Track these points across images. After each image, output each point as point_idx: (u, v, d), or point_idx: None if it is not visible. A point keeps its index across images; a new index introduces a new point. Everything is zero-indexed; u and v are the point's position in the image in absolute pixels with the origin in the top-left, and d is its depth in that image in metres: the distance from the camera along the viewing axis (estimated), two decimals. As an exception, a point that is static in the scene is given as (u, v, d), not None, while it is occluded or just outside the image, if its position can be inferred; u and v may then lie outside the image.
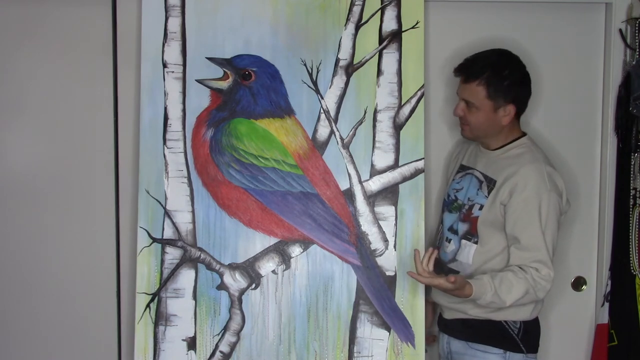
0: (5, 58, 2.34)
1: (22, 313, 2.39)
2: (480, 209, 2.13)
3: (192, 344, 2.24)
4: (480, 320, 2.13)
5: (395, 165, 2.26)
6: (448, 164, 2.39)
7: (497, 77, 2.06)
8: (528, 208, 2.04)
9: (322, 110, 2.26)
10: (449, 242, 2.21)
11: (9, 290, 2.39)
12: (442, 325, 2.27)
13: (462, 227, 2.17)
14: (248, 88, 2.25)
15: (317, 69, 2.26)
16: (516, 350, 2.11)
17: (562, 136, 2.44)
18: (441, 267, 2.21)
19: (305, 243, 2.26)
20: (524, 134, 2.19)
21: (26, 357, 2.40)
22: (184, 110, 2.25)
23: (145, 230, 2.24)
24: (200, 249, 2.24)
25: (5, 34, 2.33)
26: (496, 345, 2.12)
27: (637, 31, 2.36)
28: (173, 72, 2.25)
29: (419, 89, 2.27)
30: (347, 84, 2.27)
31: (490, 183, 2.13)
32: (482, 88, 2.06)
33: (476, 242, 2.14)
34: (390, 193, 2.26)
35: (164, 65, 2.25)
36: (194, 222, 2.24)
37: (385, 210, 2.26)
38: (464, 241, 2.17)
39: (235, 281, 2.25)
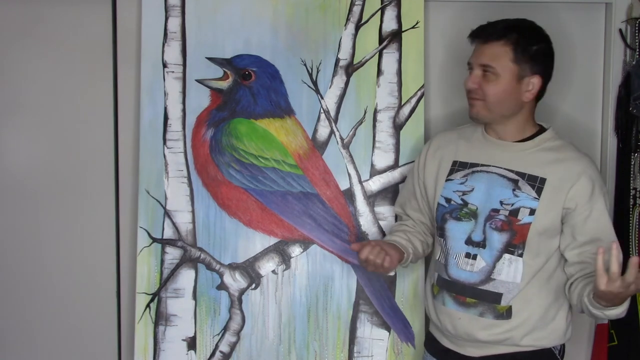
0: (5, 57, 2.34)
1: (22, 313, 2.39)
2: (532, 213, 1.76)
3: (192, 344, 2.24)
4: (531, 352, 1.82)
5: (395, 165, 2.26)
6: (433, 167, 1.97)
7: (527, 39, 1.76)
8: (607, 210, 1.80)
9: (322, 110, 2.26)
10: (473, 258, 1.81)
11: (8, 290, 2.39)
12: None
13: (500, 238, 1.78)
14: (248, 88, 2.25)
15: (317, 69, 2.26)
16: None
17: (562, 136, 2.44)
18: (462, 291, 1.83)
19: (305, 243, 2.26)
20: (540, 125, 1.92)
21: (26, 357, 2.40)
22: (184, 110, 2.25)
23: (145, 230, 2.24)
24: (200, 249, 2.24)
25: (5, 34, 2.33)
26: None
27: (637, 31, 2.36)
28: (173, 72, 2.25)
29: (419, 89, 2.27)
30: (347, 84, 2.27)
31: (535, 181, 1.78)
32: (509, 49, 1.74)
33: (521, 255, 1.77)
34: (390, 193, 2.26)
35: (164, 65, 2.25)
36: (194, 222, 2.24)
37: (385, 210, 2.26)
38: (507, 255, 1.77)
39: (235, 281, 2.25)
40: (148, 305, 2.23)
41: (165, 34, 2.25)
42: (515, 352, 1.82)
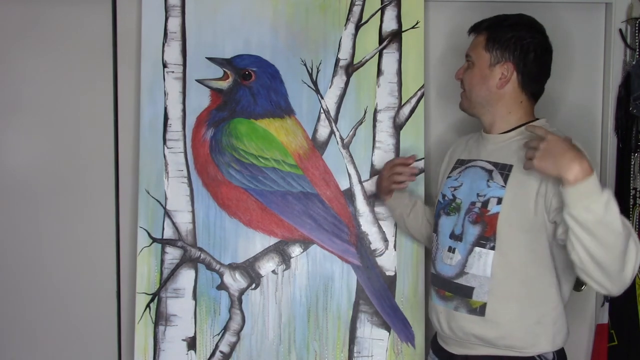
0: (5, 57, 2.34)
1: (22, 313, 2.39)
2: (499, 202, 1.71)
3: (192, 344, 2.24)
4: (512, 358, 1.73)
5: (395, 165, 2.26)
6: (444, 165, 2.04)
7: (502, 28, 1.80)
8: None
9: (322, 110, 2.26)
10: (453, 251, 1.80)
11: (8, 290, 2.38)
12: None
13: (473, 231, 1.76)
14: (248, 88, 2.25)
15: (317, 69, 2.26)
16: None
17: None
18: (442, 285, 1.82)
19: (305, 243, 2.26)
20: (533, 116, 1.85)
21: (26, 357, 2.40)
22: (184, 110, 2.25)
23: (145, 230, 2.24)
24: (200, 249, 2.24)
25: (5, 34, 2.33)
26: None
27: (637, 31, 2.36)
28: (173, 72, 2.25)
29: (419, 89, 2.27)
30: (347, 84, 2.27)
31: (504, 169, 1.75)
32: (483, 38, 1.82)
33: (493, 248, 1.72)
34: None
35: (164, 65, 2.25)
36: (194, 222, 2.24)
37: (385, 210, 2.26)
38: (477, 248, 1.74)
39: (235, 281, 2.25)
40: (148, 305, 2.23)
41: (165, 34, 2.25)
42: (494, 355, 1.75)
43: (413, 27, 2.27)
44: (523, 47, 1.78)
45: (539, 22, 1.90)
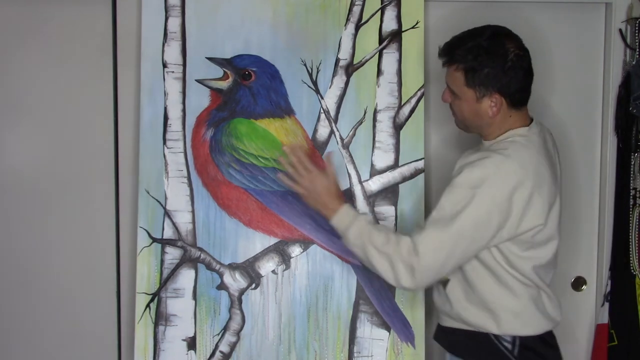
0: (5, 58, 2.34)
1: (22, 313, 2.39)
2: None
3: (192, 344, 2.24)
4: (470, 333, 1.88)
5: (395, 165, 2.26)
6: None
7: (477, 63, 1.78)
8: (444, 200, 1.76)
9: (322, 110, 2.26)
10: None
11: (8, 290, 2.39)
12: (439, 337, 2.04)
13: None
14: (248, 88, 2.25)
15: (317, 69, 2.26)
16: None
17: (562, 136, 2.44)
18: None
19: (305, 243, 2.26)
20: (526, 124, 1.88)
21: (26, 357, 2.40)
22: (184, 110, 2.25)
23: (145, 230, 2.24)
24: (200, 249, 2.24)
25: (5, 34, 2.33)
26: None
27: (637, 31, 2.36)
28: (173, 72, 2.25)
29: (419, 89, 2.27)
30: (347, 84, 2.27)
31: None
32: (460, 74, 1.81)
33: None
34: (390, 193, 2.26)
35: (164, 65, 2.25)
36: (194, 222, 2.24)
37: (385, 210, 2.26)
38: None
39: (235, 281, 2.25)
40: (148, 305, 2.23)
41: (165, 34, 2.25)
42: (456, 327, 1.90)
43: (413, 27, 2.27)
44: (504, 77, 1.80)
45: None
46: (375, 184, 2.26)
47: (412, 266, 1.74)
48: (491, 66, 1.79)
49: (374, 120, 2.27)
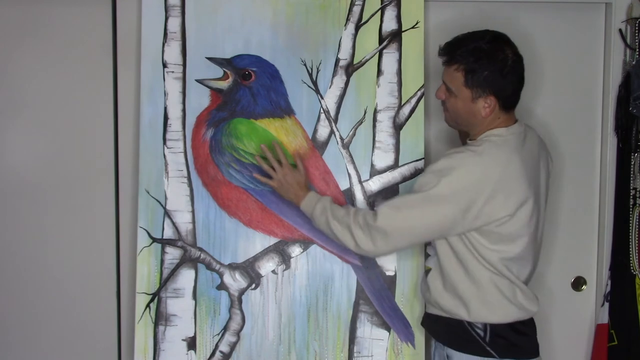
0: (5, 58, 2.34)
1: (22, 313, 2.39)
2: None
3: (192, 344, 2.24)
4: (446, 319, 2.00)
5: (395, 165, 2.26)
6: None
7: (477, 65, 1.86)
8: (417, 182, 1.93)
9: (322, 110, 2.26)
10: None
11: (8, 291, 2.38)
12: (426, 322, 2.14)
13: None
14: (248, 88, 2.25)
15: (317, 69, 2.26)
16: (486, 354, 1.93)
17: (562, 136, 2.44)
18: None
19: (305, 243, 2.26)
20: (510, 125, 1.96)
21: (26, 357, 2.40)
22: (184, 110, 2.25)
23: (145, 230, 2.24)
24: (200, 249, 2.24)
25: (5, 34, 2.33)
26: (463, 350, 1.96)
27: (637, 31, 2.36)
28: (173, 72, 2.25)
29: (419, 89, 2.27)
30: (347, 84, 2.27)
31: None
32: (460, 74, 1.89)
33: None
34: (390, 193, 2.26)
35: (164, 65, 2.25)
36: (194, 222, 2.24)
37: (385, 210, 2.25)
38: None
39: (235, 281, 2.25)
40: (148, 305, 2.23)
41: (165, 34, 2.25)
42: (437, 314, 2.03)
43: (413, 27, 2.27)
44: (501, 80, 1.89)
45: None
46: (375, 184, 2.26)
47: (368, 230, 1.91)
48: (491, 69, 1.87)
49: (374, 120, 2.27)
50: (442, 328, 2.03)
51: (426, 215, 1.87)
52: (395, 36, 2.27)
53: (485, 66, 1.87)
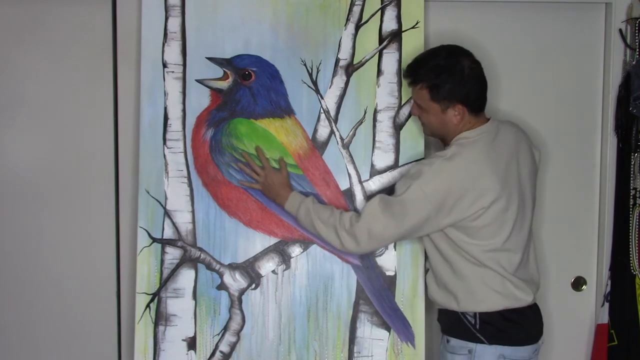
0: (5, 57, 2.34)
1: (22, 313, 2.39)
2: None
3: (192, 344, 2.24)
4: (444, 311, 2.15)
5: (395, 165, 2.26)
6: None
7: (439, 80, 2.01)
8: (395, 188, 2.08)
9: (322, 110, 2.26)
10: None
11: (8, 291, 2.38)
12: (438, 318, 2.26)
13: None
14: (248, 88, 2.25)
15: (317, 69, 2.26)
16: (476, 340, 2.06)
17: (562, 136, 2.44)
18: None
19: (305, 243, 2.26)
20: (479, 126, 2.07)
21: (26, 357, 2.40)
22: (184, 110, 2.25)
23: (145, 230, 2.24)
24: (200, 249, 2.24)
25: (5, 34, 2.33)
26: (457, 336, 2.10)
27: (637, 31, 2.36)
28: (173, 72, 2.25)
29: (419, 89, 2.27)
30: (347, 84, 2.27)
31: None
32: (426, 92, 2.04)
33: None
34: (390, 193, 2.25)
35: (164, 65, 2.25)
36: (194, 222, 2.24)
37: (385, 210, 2.25)
38: None
39: (235, 281, 2.25)
40: (148, 305, 2.23)
41: (165, 34, 2.25)
42: (439, 308, 2.18)
43: (413, 27, 2.27)
44: (463, 89, 2.02)
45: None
46: (375, 184, 2.26)
47: (352, 230, 2.04)
48: (451, 81, 2.01)
49: (374, 120, 2.27)
50: (442, 318, 2.18)
51: (403, 216, 2.00)
52: (395, 36, 2.27)
53: (446, 79, 2.01)
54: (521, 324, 2.08)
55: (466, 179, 1.99)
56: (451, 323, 2.12)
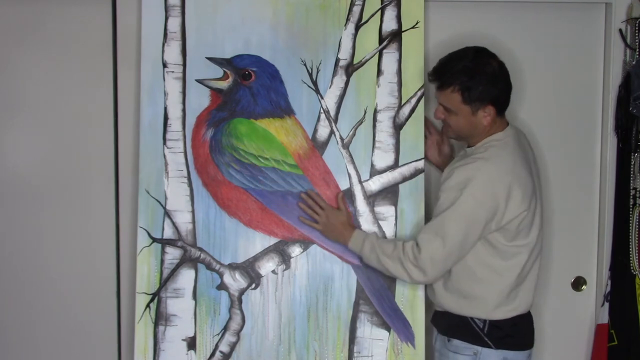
0: (5, 58, 2.34)
1: (22, 313, 2.39)
2: None
3: (192, 344, 2.24)
4: (450, 315, 2.12)
5: (395, 165, 2.26)
6: None
7: (471, 82, 2.00)
8: (440, 201, 2.03)
9: (322, 110, 2.26)
10: None
11: (8, 291, 2.39)
12: (432, 319, 2.26)
13: None
14: (248, 88, 2.25)
15: (317, 69, 2.26)
16: (483, 344, 2.06)
17: (562, 136, 2.44)
18: None
19: (305, 243, 2.26)
20: (504, 128, 2.09)
21: (26, 357, 2.41)
22: (184, 110, 2.25)
23: (145, 230, 2.24)
24: (200, 249, 2.24)
25: (5, 34, 2.33)
26: (462, 338, 2.10)
27: (637, 31, 2.36)
28: (173, 72, 2.25)
29: (419, 89, 2.27)
30: (347, 84, 2.27)
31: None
32: (457, 94, 2.02)
33: None
34: (390, 193, 2.26)
35: (164, 65, 2.25)
36: (194, 222, 2.24)
37: (385, 210, 2.26)
38: None
39: (235, 281, 2.25)
40: (148, 305, 2.23)
41: (165, 34, 2.25)
42: (444, 311, 2.14)
43: (413, 27, 2.27)
44: (495, 90, 2.02)
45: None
46: (375, 184, 2.26)
47: (417, 262, 2.00)
48: (484, 83, 2.00)
49: (374, 120, 2.27)
50: (445, 321, 2.15)
51: (461, 228, 1.98)
52: (395, 36, 2.27)
53: (479, 81, 2.00)
54: (525, 329, 2.12)
55: (512, 178, 1.98)
56: (456, 325, 2.11)
